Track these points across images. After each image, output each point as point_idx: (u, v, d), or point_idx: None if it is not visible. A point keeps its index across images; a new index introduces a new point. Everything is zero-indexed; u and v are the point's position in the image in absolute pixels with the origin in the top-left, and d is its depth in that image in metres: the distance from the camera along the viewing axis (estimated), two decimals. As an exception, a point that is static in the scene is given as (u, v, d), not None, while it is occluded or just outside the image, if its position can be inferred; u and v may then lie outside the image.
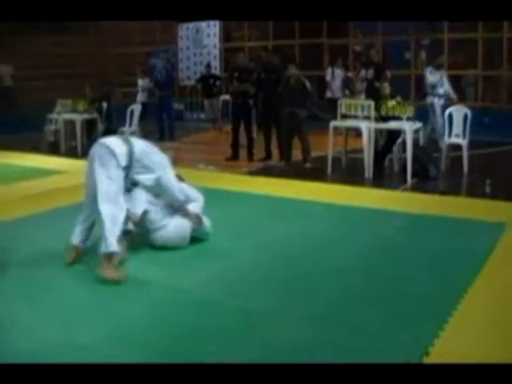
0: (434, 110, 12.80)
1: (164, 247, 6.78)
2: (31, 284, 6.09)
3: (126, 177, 6.49)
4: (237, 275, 6.12)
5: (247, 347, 4.61)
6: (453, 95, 13.03)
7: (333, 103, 14.40)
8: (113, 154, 6.34)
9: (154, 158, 6.71)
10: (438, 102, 12.87)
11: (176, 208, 6.91)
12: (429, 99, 13.05)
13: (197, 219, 6.92)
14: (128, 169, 6.48)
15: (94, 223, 6.64)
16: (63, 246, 6.70)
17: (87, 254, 6.64)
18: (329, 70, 17.32)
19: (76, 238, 6.60)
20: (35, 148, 15.52)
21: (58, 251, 6.81)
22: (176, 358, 4.44)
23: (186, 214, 6.88)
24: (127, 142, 6.60)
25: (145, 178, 6.65)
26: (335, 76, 17.16)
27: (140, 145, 6.69)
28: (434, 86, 13.03)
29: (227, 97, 16.67)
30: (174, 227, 6.80)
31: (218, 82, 18.31)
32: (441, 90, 13.00)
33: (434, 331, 4.74)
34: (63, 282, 6.15)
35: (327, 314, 5.15)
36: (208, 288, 5.82)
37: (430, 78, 13.05)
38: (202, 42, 22.03)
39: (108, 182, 6.26)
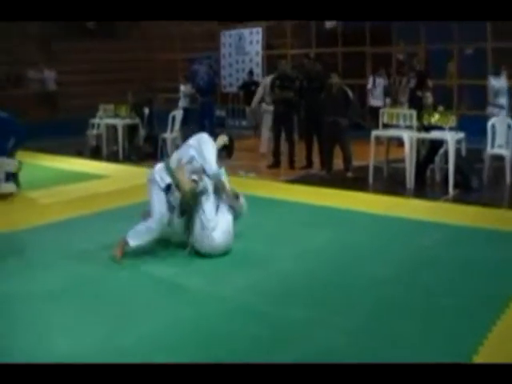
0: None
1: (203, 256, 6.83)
2: (73, 285, 6.19)
3: None
4: (277, 283, 6.14)
5: (286, 356, 4.60)
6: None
7: (375, 112, 14.39)
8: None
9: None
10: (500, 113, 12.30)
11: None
12: (490, 110, 12.79)
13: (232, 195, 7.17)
14: None
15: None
16: (104, 249, 6.87)
17: (131, 257, 6.72)
18: (370, 79, 17.28)
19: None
20: (79, 152, 15.72)
21: (100, 254, 6.91)
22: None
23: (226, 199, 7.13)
24: None
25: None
26: (377, 85, 17.12)
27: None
28: (496, 94, 12.73)
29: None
30: (221, 233, 6.87)
31: (260, 89, 18.32)
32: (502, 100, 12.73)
33: (475, 343, 4.72)
34: (105, 285, 6.23)
35: (367, 324, 5.14)
36: (248, 296, 5.84)
37: (496, 85, 12.72)
38: (244, 49, 22.08)
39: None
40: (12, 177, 10.36)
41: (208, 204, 6.91)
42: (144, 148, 15.39)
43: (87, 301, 5.83)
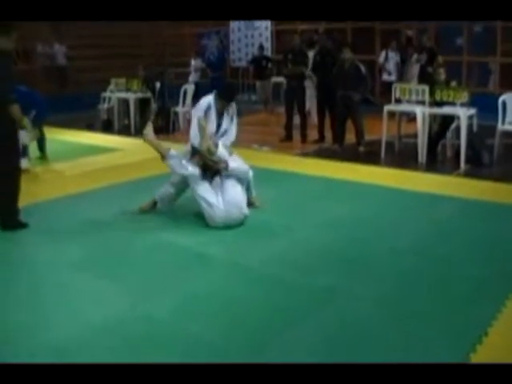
0: None
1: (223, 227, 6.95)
2: (97, 255, 6.30)
3: None
4: (298, 254, 6.24)
5: (313, 325, 4.71)
6: None
7: (387, 86, 14.41)
8: None
9: None
10: None
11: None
12: None
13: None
14: None
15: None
16: (125, 220, 7.02)
17: (153, 227, 6.83)
18: (383, 53, 17.25)
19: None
20: (90, 126, 15.77)
21: (121, 225, 7.03)
22: (240, 334, 4.60)
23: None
24: None
25: None
26: (389, 59, 17.08)
27: None
28: None
29: (279, 79, 16.72)
30: (230, 206, 7.01)
31: (269, 64, 18.29)
32: None
33: (492, 313, 4.82)
34: (128, 255, 6.33)
35: (388, 294, 5.25)
36: (272, 266, 5.94)
37: None
38: (253, 24, 21.98)
39: None
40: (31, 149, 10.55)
41: (202, 182, 7.12)
42: (155, 122, 15.43)
43: (111, 271, 5.93)
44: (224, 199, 6.99)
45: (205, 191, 7.00)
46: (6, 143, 6.67)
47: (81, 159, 11.41)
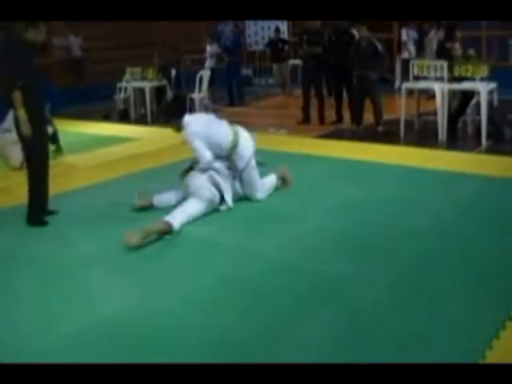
0: None
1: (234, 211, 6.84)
2: (110, 247, 6.23)
3: None
4: (313, 239, 6.12)
5: (327, 313, 4.61)
6: None
7: (406, 64, 14.22)
8: None
9: None
10: None
11: None
12: None
13: None
14: None
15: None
16: (140, 210, 7.07)
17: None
18: (404, 32, 17.02)
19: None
20: (107, 117, 15.79)
21: (135, 215, 6.95)
22: (253, 323, 4.51)
23: None
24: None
25: None
26: (410, 37, 16.89)
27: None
28: None
29: (296, 61, 16.58)
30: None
31: (286, 47, 18.11)
32: None
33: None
34: (140, 248, 6.22)
35: (407, 277, 5.11)
36: (286, 252, 5.83)
37: None
38: (269, 7, 21.77)
39: None
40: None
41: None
42: (172, 109, 15.34)
43: (123, 263, 5.88)
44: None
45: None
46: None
47: (97, 150, 11.41)
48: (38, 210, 6.99)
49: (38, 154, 6.89)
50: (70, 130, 12.50)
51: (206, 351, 4.17)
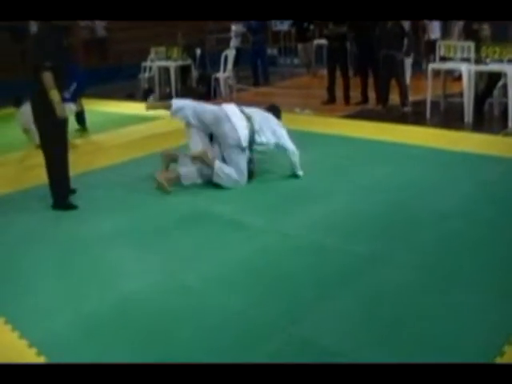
0: None
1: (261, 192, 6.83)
2: (129, 227, 6.29)
3: None
4: (338, 219, 6.11)
5: (351, 293, 4.61)
6: None
7: (432, 45, 14.09)
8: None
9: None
10: None
11: None
12: None
13: None
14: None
15: None
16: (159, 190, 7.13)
17: (187, 194, 6.73)
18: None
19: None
20: (131, 96, 15.81)
21: (155, 195, 7.05)
22: (276, 304, 4.52)
23: None
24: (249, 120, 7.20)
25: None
26: (434, 17, 16.70)
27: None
28: None
29: (321, 41, 16.49)
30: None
31: (311, 26, 17.99)
32: None
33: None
34: (164, 224, 6.29)
35: (431, 261, 5.07)
36: (310, 232, 5.83)
37: None
38: (294, -14, 21.64)
39: None
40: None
41: None
42: (197, 89, 15.40)
43: (146, 241, 5.91)
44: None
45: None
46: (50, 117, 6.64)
47: (122, 129, 11.49)
48: (64, 194, 6.97)
49: (58, 136, 6.86)
50: (94, 109, 12.54)
51: (227, 330, 4.21)
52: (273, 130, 7.29)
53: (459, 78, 11.09)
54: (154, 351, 4.01)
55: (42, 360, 3.98)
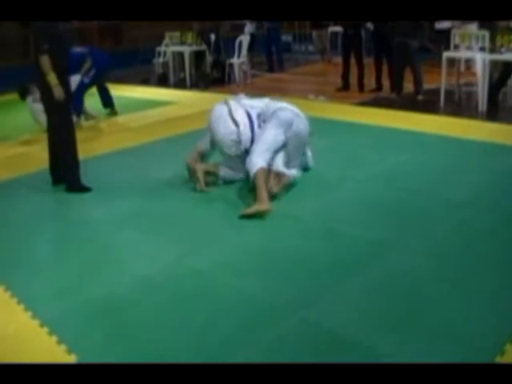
0: None
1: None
2: (141, 211, 6.32)
3: None
4: (351, 205, 6.14)
5: (362, 279, 4.63)
6: None
7: (442, 34, 14.03)
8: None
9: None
10: None
11: None
12: None
13: None
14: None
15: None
16: (174, 173, 7.13)
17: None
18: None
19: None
20: (145, 81, 15.87)
21: (167, 179, 7.09)
22: (287, 289, 4.54)
23: None
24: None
25: None
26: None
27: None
28: None
29: (336, 28, 16.47)
30: None
31: (327, 13, 17.93)
32: None
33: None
34: (181, 208, 6.33)
35: (443, 248, 5.09)
36: (324, 218, 5.86)
37: None
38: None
39: None
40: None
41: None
42: (211, 74, 15.43)
43: (158, 225, 5.95)
44: None
45: None
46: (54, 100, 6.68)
47: (136, 113, 11.51)
48: (76, 177, 6.98)
49: (65, 119, 6.91)
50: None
51: (240, 314, 4.24)
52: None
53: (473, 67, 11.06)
54: (167, 334, 4.05)
55: (53, 339, 4.03)
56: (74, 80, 9.54)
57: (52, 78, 6.52)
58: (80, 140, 7.16)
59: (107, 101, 11.30)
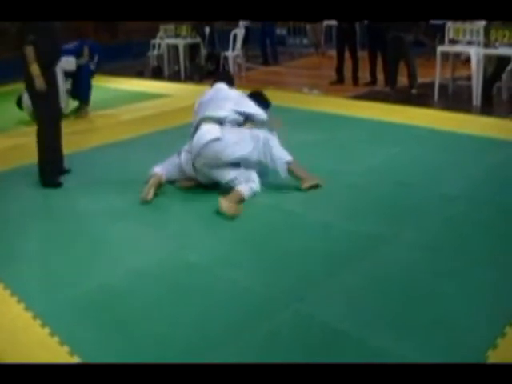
0: None
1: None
2: (135, 205, 6.28)
3: None
4: (344, 199, 6.16)
5: (355, 272, 4.64)
6: None
7: (434, 29, 14.03)
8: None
9: None
10: None
11: None
12: None
13: None
14: None
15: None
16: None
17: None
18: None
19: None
20: (140, 73, 15.88)
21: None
22: (281, 281, 4.56)
23: None
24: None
25: None
26: None
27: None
28: None
29: (331, 21, 16.46)
30: None
31: (321, 6, 17.92)
32: None
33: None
34: (175, 201, 6.34)
35: (437, 241, 5.09)
36: (317, 210, 5.87)
37: None
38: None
39: None
40: None
41: None
42: (206, 66, 15.42)
43: (152, 218, 5.96)
44: None
45: None
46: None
47: (130, 105, 11.50)
48: (51, 171, 6.96)
49: (48, 112, 6.86)
50: (103, 85, 12.59)
51: (235, 306, 4.25)
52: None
53: (469, 60, 11.04)
54: (161, 327, 4.06)
55: (45, 331, 4.04)
56: (70, 61, 9.64)
57: (34, 69, 6.52)
58: (74, 132, 7.18)
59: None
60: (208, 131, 6.24)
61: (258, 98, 7.03)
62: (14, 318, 4.26)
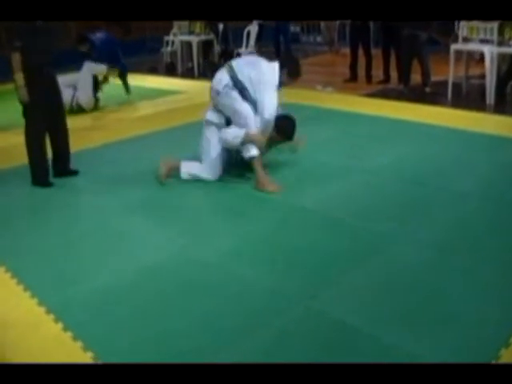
0: None
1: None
2: (146, 201, 6.34)
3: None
4: (357, 196, 6.15)
5: (367, 271, 4.63)
6: None
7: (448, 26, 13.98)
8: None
9: None
10: None
11: None
12: None
13: None
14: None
15: None
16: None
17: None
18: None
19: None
20: (153, 69, 15.90)
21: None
22: (293, 279, 4.55)
23: None
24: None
25: None
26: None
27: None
28: None
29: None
30: None
31: (335, 4, 17.87)
32: None
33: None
34: (188, 197, 6.35)
35: (449, 240, 5.08)
36: (328, 209, 5.86)
37: None
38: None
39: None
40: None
41: None
42: (219, 63, 15.42)
43: (164, 215, 5.98)
44: None
45: None
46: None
47: (144, 102, 11.53)
48: (38, 171, 6.88)
49: (38, 118, 6.75)
50: (117, 82, 12.60)
51: (246, 303, 4.26)
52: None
53: (482, 58, 10.99)
54: (172, 323, 4.07)
55: (59, 326, 4.06)
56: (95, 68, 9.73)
57: (19, 79, 6.40)
58: (86, 128, 7.18)
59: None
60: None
61: (285, 125, 6.68)
62: (26, 313, 4.29)
